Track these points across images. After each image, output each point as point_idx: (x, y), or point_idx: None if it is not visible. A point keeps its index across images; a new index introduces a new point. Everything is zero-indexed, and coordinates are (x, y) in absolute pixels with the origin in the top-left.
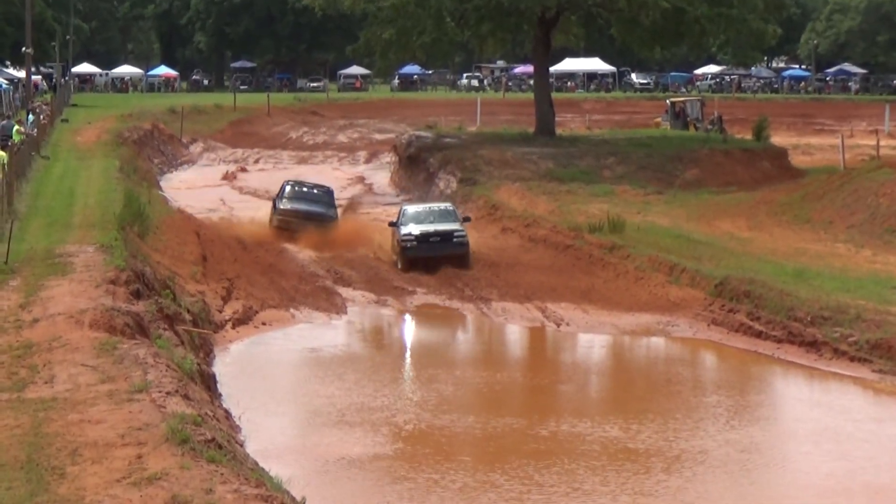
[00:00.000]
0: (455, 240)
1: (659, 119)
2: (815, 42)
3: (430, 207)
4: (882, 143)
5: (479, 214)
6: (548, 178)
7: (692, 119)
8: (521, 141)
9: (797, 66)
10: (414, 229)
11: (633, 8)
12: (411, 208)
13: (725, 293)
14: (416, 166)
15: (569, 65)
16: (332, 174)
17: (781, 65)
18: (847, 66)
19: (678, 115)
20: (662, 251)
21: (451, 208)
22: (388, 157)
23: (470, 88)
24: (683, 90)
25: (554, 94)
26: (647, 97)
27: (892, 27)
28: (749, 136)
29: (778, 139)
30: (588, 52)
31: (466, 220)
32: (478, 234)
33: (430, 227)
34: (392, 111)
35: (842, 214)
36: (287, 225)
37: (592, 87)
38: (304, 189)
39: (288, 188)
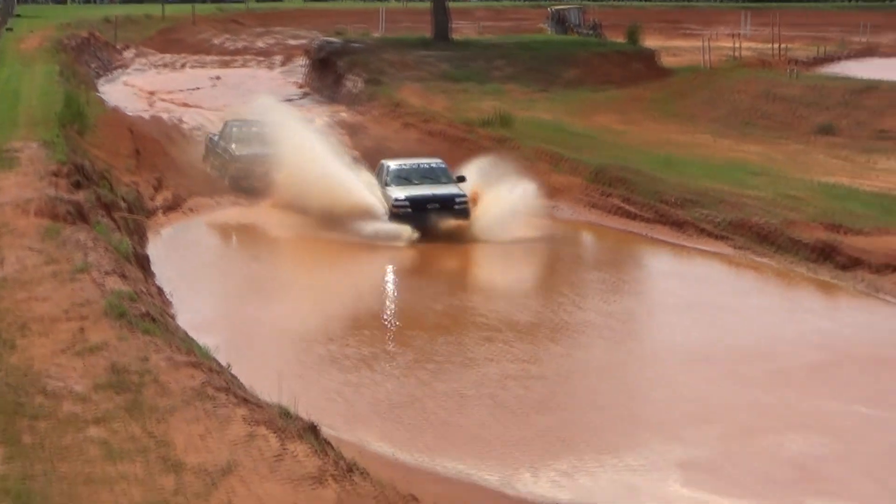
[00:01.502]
0: (457, 207)
1: (543, 25)
2: None
3: (418, 164)
4: (742, 45)
5: (384, 112)
6: (444, 78)
7: (572, 25)
8: (420, 45)
9: None
10: (405, 192)
11: None
12: (394, 164)
13: (602, 179)
14: (326, 69)
15: None
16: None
17: None
18: None
19: (560, 22)
20: (546, 143)
21: (442, 165)
22: (301, 61)
23: None
24: None
25: (450, 4)
26: (532, 5)
27: None
28: (623, 40)
29: (649, 42)
30: None
31: (461, 179)
32: (382, 130)
33: (427, 191)
34: (305, 20)
35: (705, 109)
36: (246, 180)
37: None
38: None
39: (235, 130)
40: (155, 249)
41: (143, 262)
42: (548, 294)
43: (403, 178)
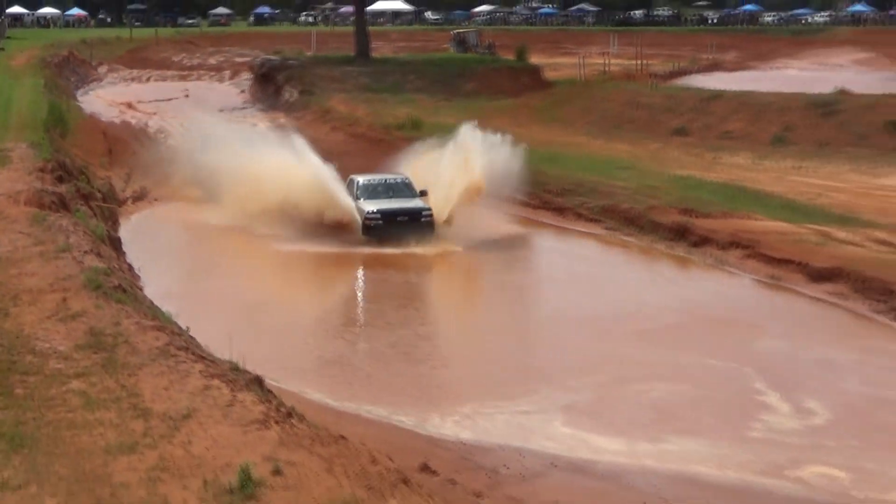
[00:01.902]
0: (423, 220)
1: (447, 45)
2: None
3: (385, 179)
4: (610, 62)
5: (315, 117)
6: (365, 90)
7: (471, 45)
8: (345, 62)
9: (547, 6)
10: (376, 206)
11: None
12: (363, 179)
13: None
14: (267, 82)
15: (379, 6)
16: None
17: (536, 4)
18: (584, 6)
19: (461, 43)
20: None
21: (407, 180)
22: (246, 75)
23: (307, 24)
24: (464, 23)
25: (369, 27)
26: (437, 29)
27: None
28: (513, 58)
29: (534, 59)
30: None
31: (423, 193)
32: (314, 132)
33: (395, 205)
34: (249, 41)
35: (581, 115)
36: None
37: (398, 22)
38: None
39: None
40: (125, 233)
41: (116, 244)
42: (451, 270)
43: (372, 191)
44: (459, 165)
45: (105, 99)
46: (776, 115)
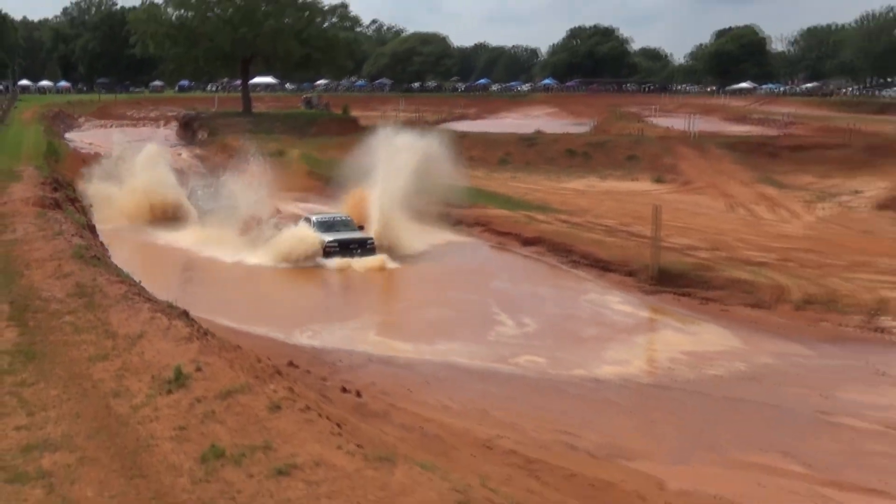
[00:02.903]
0: (368, 246)
1: (300, 104)
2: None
3: (333, 217)
4: (400, 114)
5: (218, 150)
6: (249, 132)
7: (314, 104)
8: (235, 115)
9: (361, 80)
10: (333, 237)
11: (284, 57)
12: (316, 217)
13: (332, 183)
14: (187, 128)
15: (257, 80)
16: (158, 132)
17: (354, 79)
18: (384, 80)
19: (308, 103)
20: (305, 164)
21: (349, 218)
22: (174, 124)
23: (212, 91)
24: (310, 91)
25: (251, 93)
26: (296, 94)
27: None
28: (341, 112)
29: (354, 113)
30: (268, 73)
31: (360, 227)
32: (218, 158)
33: (347, 236)
34: (176, 102)
35: None
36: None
37: (269, 90)
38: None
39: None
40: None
41: (93, 230)
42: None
43: (328, 227)
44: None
45: (83, 140)
46: (501, 146)
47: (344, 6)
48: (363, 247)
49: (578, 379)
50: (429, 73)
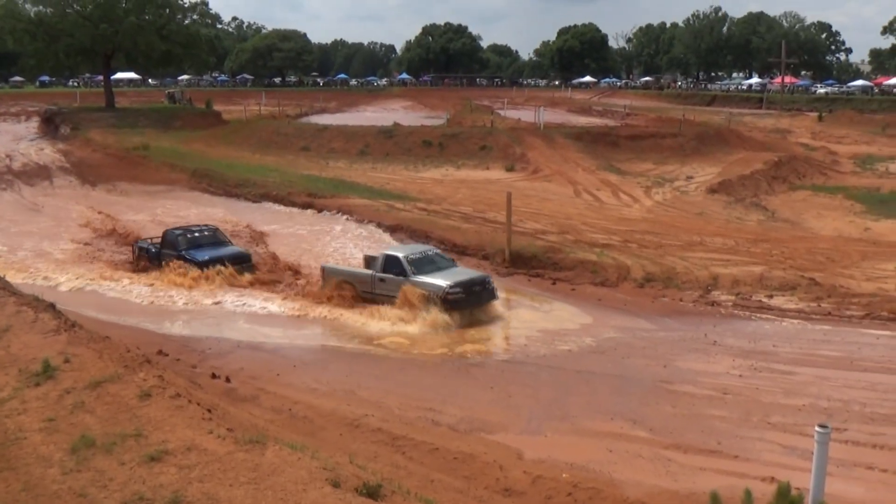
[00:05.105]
0: (488, 287)
1: (163, 99)
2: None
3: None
4: (262, 109)
5: (81, 144)
6: (113, 126)
7: (178, 99)
8: (98, 110)
9: (223, 75)
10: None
11: (146, 53)
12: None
13: (197, 175)
14: (50, 123)
15: (120, 75)
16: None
17: (216, 74)
18: (245, 75)
19: (171, 98)
20: (168, 157)
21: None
22: (36, 119)
23: (74, 86)
24: (173, 86)
25: (114, 88)
26: (159, 89)
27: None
28: (204, 106)
29: (217, 107)
30: (130, 68)
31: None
32: (82, 153)
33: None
34: (37, 97)
35: (246, 139)
36: None
37: (132, 85)
38: None
39: None
40: None
41: None
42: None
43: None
44: None
45: None
46: (360, 138)
47: (204, 3)
48: (485, 287)
49: (440, 358)
50: (289, 68)
